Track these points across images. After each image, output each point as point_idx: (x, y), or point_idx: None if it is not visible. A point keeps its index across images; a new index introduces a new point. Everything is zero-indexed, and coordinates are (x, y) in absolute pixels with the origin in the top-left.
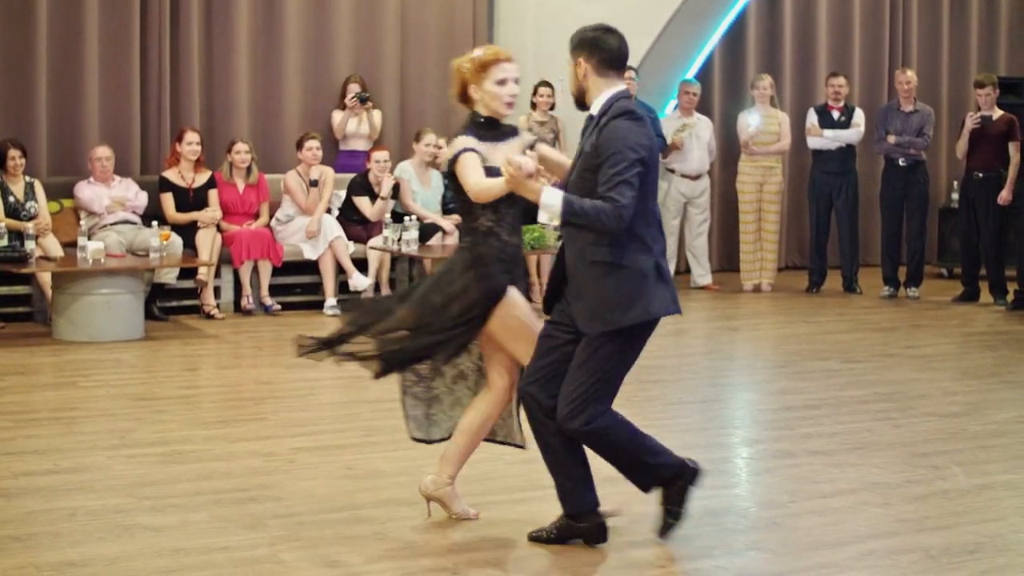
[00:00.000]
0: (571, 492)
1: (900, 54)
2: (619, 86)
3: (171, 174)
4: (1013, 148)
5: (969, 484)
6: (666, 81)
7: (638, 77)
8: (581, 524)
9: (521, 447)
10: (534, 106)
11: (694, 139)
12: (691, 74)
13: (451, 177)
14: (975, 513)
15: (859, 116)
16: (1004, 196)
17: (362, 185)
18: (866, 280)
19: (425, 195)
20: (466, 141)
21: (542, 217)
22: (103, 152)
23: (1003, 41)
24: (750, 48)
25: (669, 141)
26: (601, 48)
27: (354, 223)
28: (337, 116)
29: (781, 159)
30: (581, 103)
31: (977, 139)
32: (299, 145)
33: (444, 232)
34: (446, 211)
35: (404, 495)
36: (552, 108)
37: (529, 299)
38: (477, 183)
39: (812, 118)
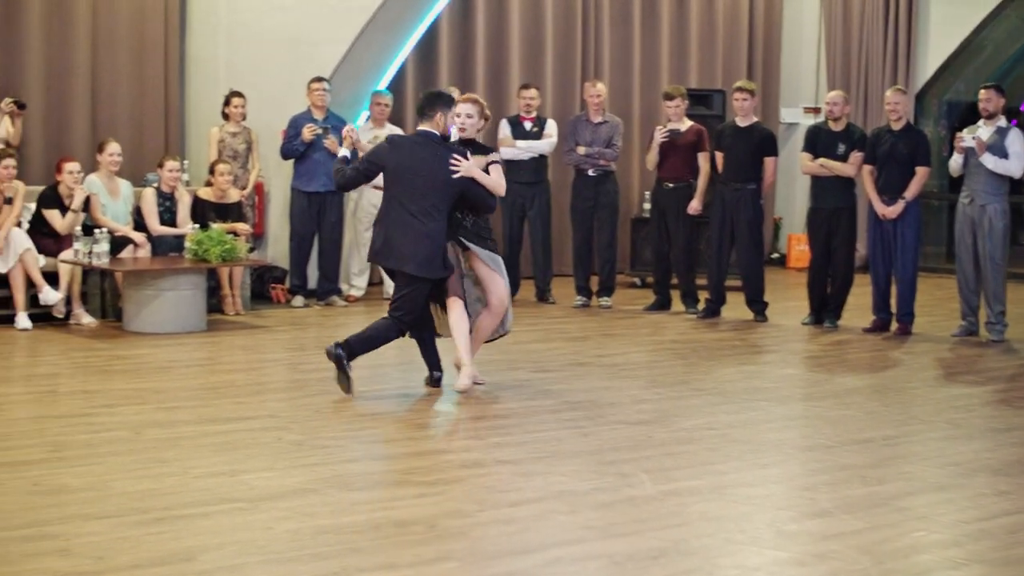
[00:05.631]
0: None
1: (592, 66)
2: (424, 126)
3: None
4: (702, 159)
5: (655, 490)
6: (358, 91)
7: (330, 87)
8: None
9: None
10: (226, 117)
11: None
12: (383, 84)
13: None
14: (660, 519)
15: (551, 127)
16: (694, 206)
17: (52, 198)
18: (559, 290)
19: (115, 207)
20: None
21: None
22: None
23: (693, 53)
24: (443, 59)
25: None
26: None
27: (44, 236)
28: None
29: None
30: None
31: (667, 150)
32: None
33: (135, 245)
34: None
35: (91, 510)
36: (244, 118)
37: None
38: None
39: (505, 129)
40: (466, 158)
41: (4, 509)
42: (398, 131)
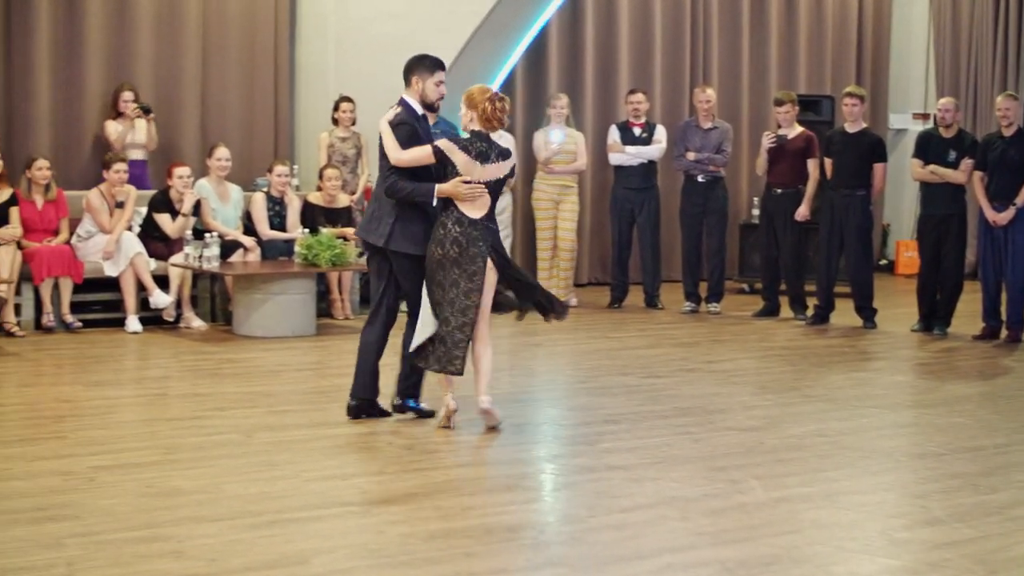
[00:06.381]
0: None
1: (701, 71)
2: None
3: None
4: (811, 165)
5: (767, 497)
6: None
7: None
8: None
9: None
10: (336, 122)
11: None
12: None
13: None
14: (772, 526)
15: (660, 132)
16: (802, 212)
17: (163, 202)
18: (668, 295)
19: (224, 211)
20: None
21: None
22: None
23: (802, 59)
24: (552, 65)
25: None
26: None
27: (155, 240)
28: (113, 126)
29: (577, 178)
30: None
31: (776, 156)
32: (106, 166)
33: (245, 249)
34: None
35: (203, 512)
36: (354, 124)
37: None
38: None
39: (614, 134)
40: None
41: (118, 511)
42: (509, 137)
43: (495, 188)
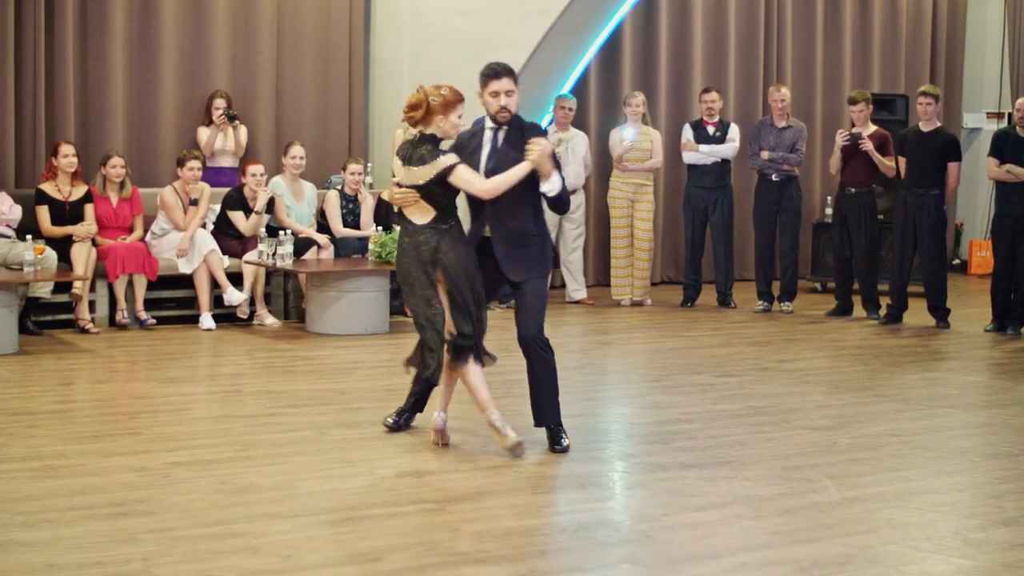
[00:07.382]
0: None
1: (775, 70)
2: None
3: (48, 187)
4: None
5: (840, 497)
6: (542, 95)
7: None
8: None
9: None
10: None
11: (570, 154)
12: (566, 89)
13: (442, 183)
14: (846, 525)
15: (734, 131)
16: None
17: (237, 199)
18: (741, 294)
19: (299, 209)
20: (452, 157)
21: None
22: None
23: (876, 58)
24: (625, 63)
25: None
26: None
27: (229, 237)
28: (203, 133)
29: (653, 176)
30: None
31: (850, 155)
32: (180, 163)
33: (319, 246)
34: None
35: (278, 509)
36: None
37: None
38: (488, 184)
39: (688, 133)
40: None
41: (193, 507)
42: (582, 135)
43: (426, 190)
